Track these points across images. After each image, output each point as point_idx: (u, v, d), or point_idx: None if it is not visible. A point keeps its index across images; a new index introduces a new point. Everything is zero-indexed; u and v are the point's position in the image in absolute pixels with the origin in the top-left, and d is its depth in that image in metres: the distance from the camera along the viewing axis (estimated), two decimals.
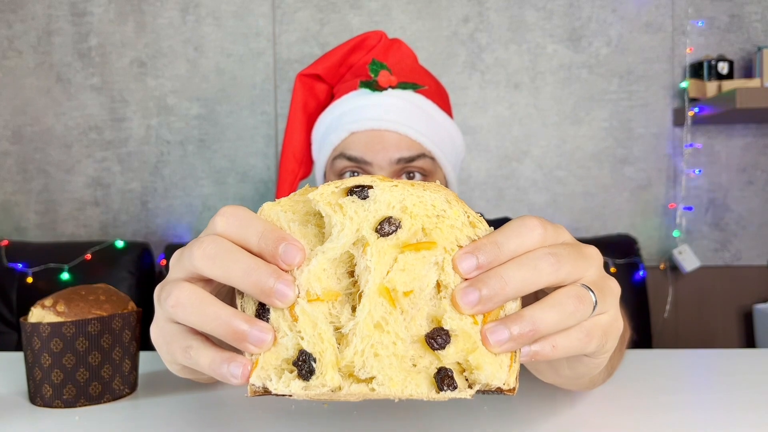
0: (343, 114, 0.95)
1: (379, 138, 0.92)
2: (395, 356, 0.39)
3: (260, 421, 0.65)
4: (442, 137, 0.96)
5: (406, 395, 0.39)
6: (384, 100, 0.94)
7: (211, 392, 0.74)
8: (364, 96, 0.94)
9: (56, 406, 0.68)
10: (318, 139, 1.00)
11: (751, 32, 1.93)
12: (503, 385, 0.39)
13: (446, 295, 0.40)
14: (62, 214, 2.02)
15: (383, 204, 0.41)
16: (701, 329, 1.94)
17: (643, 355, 0.88)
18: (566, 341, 0.42)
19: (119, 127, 2.00)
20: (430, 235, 0.41)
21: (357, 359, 0.38)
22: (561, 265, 0.41)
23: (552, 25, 1.95)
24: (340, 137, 0.94)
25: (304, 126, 1.02)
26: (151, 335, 0.46)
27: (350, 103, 0.95)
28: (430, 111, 0.96)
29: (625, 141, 1.96)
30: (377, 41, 1.00)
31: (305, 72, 1.02)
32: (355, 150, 0.92)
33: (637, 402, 0.69)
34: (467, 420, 0.64)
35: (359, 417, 0.66)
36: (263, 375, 0.39)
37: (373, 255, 0.39)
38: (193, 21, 1.98)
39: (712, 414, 0.66)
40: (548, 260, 0.41)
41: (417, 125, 0.93)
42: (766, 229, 1.95)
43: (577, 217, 1.97)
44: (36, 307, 0.69)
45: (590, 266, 0.44)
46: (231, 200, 1.99)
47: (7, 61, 2.01)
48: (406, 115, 0.93)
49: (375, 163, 0.91)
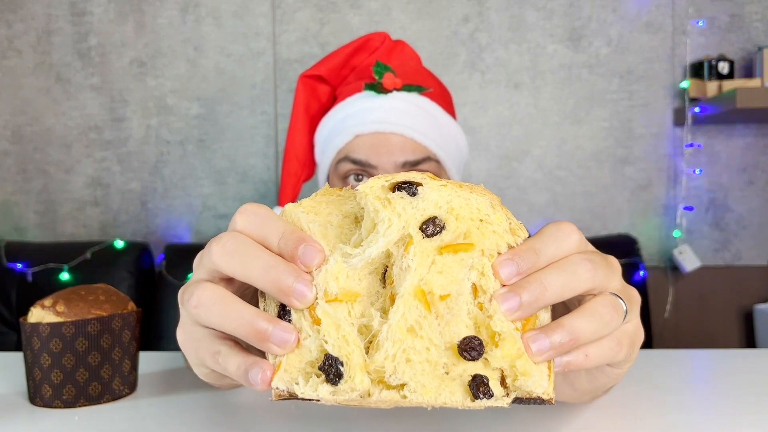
0: (347, 117, 0.94)
1: (384, 141, 0.91)
2: (428, 362, 0.37)
3: (261, 422, 0.65)
4: (447, 140, 0.96)
5: (440, 403, 0.37)
6: (388, 103, 0.93)
7: (211, 393, 0.74)
8: (369, 98, 0.94)
9: (56, 406, 0.68)
10: (321, 141, 0.99)
11: (751, 32, 1.93)
12: (543, 394, 0.38)
13: (485, 299, 0.39)
14: (62, 214, 2.02)
15: (431, 203, 0.39)
16: (701, 329, 1.94)
17: (644, 355, 0.88)
18: (599, 350, 0.42)
19: (119, 126, 2.00)
20: (470, 237, 0.39)
21: (388, 364, 0.37)
22: (596, 271, 0.41)
23: (552, 24, 1.95)
24: (345, 140, 0.93)
25: (306, 128, 1.01)
26: (177, 338, 0.45)
27: (354, 106, 0.94)
28: (435, 113, 0.96)
29: (625, 141, 1.96)
30: (381, 42, 0.99)
31: (307, 73, 1.02)
32: (359, 153, 0.91)
33: (637, 402, 0.69)
34: (467, 420, 0.64)
35: (361, 418, 0.65)
36: (287, 378, 0.37)
37: (416, 255, 0.38)
38: (193, 21, 1.98)
39: (712, 414, 0.66)
40: (586, 266, 0.41)
41: (422, 128, 0.92)
42: (766, 228, 1.95)
43: (577, 217, 1.96)
44: (36, 307, 0.69)
45: (616, 275, 0.44)
46: (231, 200, 1.99)
47: (6, 61, 2.01)
48: (410, 117, 0.92)
49: (380, 167, 0.90)
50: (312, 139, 1.02)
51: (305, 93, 1.01)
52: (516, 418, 0.65)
